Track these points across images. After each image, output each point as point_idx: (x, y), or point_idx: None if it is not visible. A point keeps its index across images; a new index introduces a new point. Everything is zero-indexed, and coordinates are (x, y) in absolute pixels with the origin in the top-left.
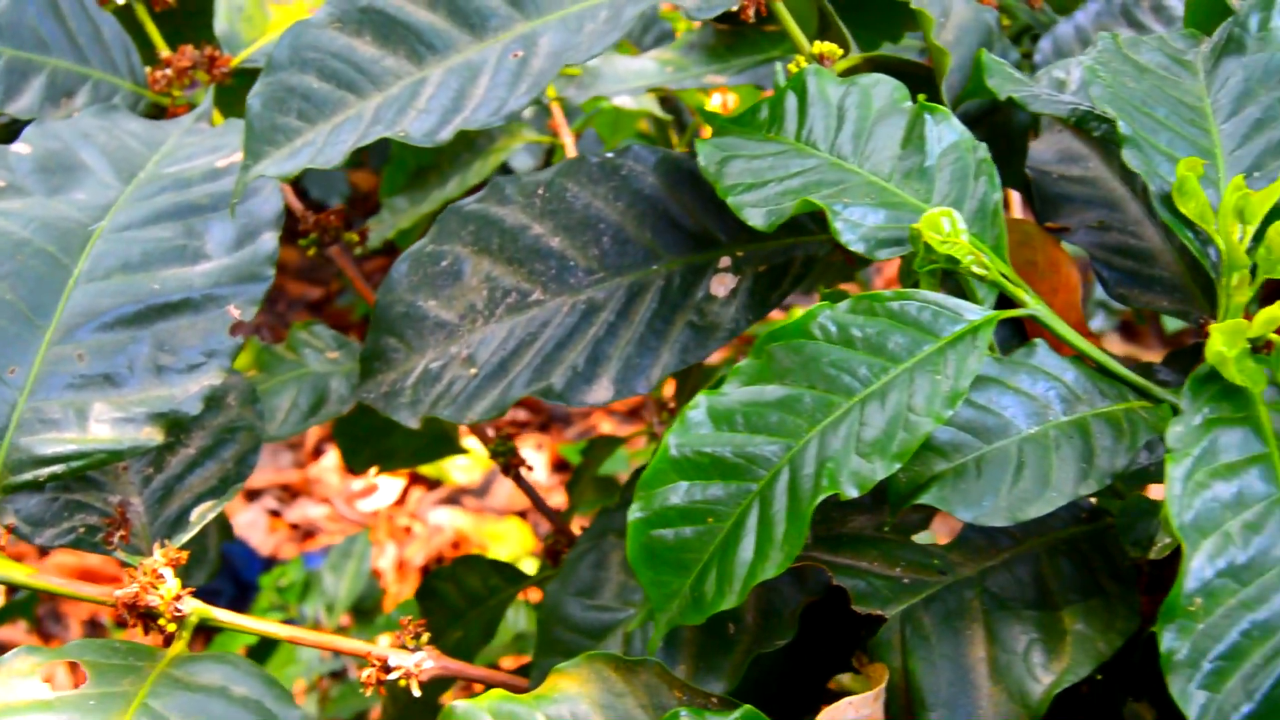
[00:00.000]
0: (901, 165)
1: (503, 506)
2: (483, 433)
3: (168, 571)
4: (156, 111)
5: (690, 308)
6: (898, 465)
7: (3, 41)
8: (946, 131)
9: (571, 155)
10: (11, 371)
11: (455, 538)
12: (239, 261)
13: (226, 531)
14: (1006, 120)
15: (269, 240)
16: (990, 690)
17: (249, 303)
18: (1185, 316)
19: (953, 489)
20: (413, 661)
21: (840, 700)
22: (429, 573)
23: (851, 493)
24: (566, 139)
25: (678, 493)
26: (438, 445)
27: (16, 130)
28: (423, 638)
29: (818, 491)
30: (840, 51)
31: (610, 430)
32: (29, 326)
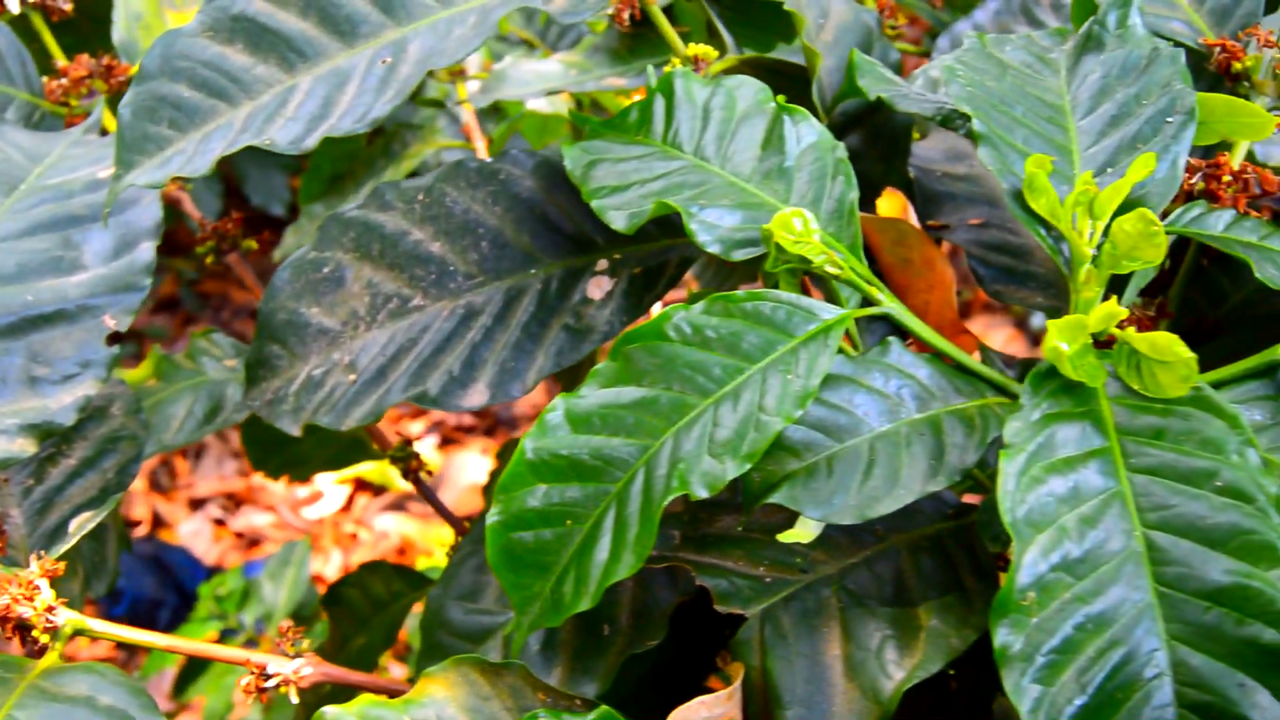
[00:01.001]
0: (762, 166)
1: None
2: (382, 438)
3: (43, 583)
4: (56, 122)
5: (567, 311)
6: (748, 465)
7: None
8: (806, 132)
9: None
10: None
11: (401, 544)
12: (115, 272)
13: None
14: (888, 120)
15: (146, 250)
16: (845, 687)
17: (125, 312)
18: (1058, 313)
19: (803, 488)
20: (291, 668)
21: (693, 700)
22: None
23: (701, 493)
24: (479, 143)
25: (536, 496)
26: (351, 451)
27: None
28: (303, 644)
29: (667, 492)
30: (715, 54)
31: None
32: None
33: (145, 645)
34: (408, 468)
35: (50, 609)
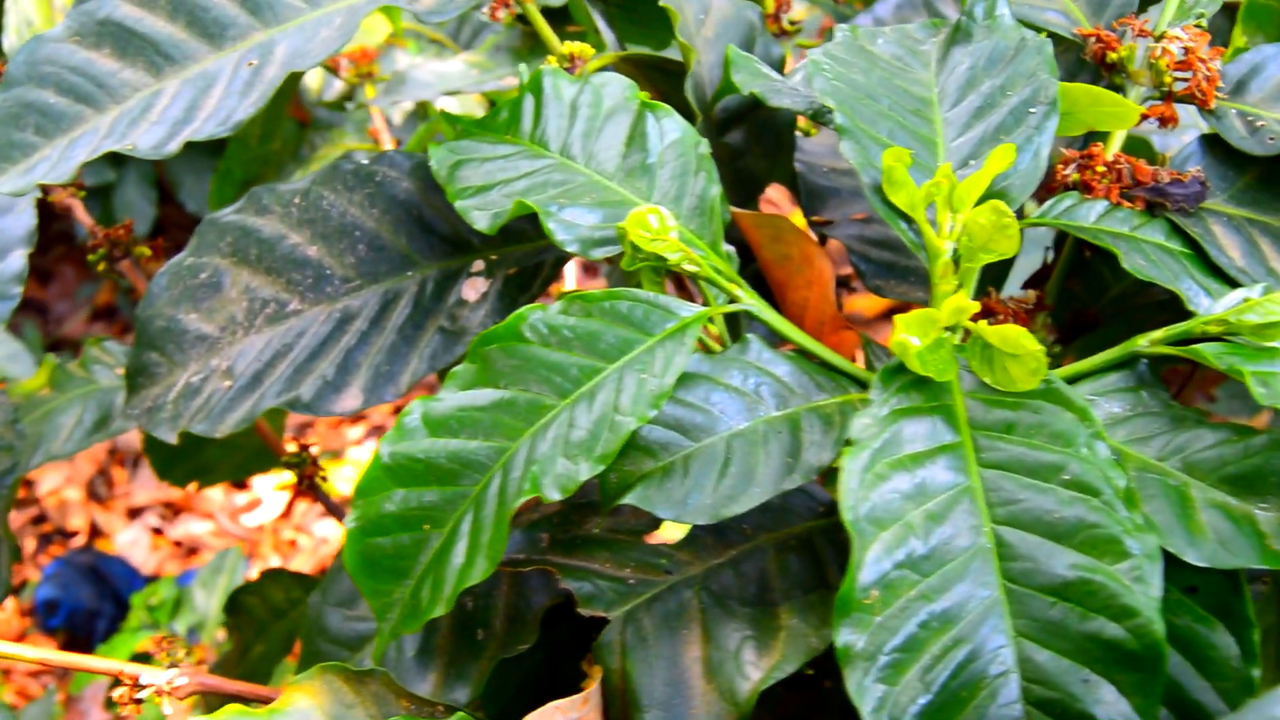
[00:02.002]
0: (625, 163)
1: None
2: (278, 444)
3: None
4: None
5: (443, 313)
6: (602, 466)
7: None
8: (670, 128)
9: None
10: None
11: (340, 549)
12: None
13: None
14: (772, 116)
15: (17, 259)
16: (703, 689)
17: None
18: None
19: (658, 488)
20: (164, 679)
21: (547, 704)
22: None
23: (553, 495)
24: (387, 145)
25: (393, 500)
26: (260, 457)
27: None
28: (180, 654)
29: (519, 495)
30: (591, 51)
31: None
32: None
33: (13, 659)
34: (303, 474)
35: None
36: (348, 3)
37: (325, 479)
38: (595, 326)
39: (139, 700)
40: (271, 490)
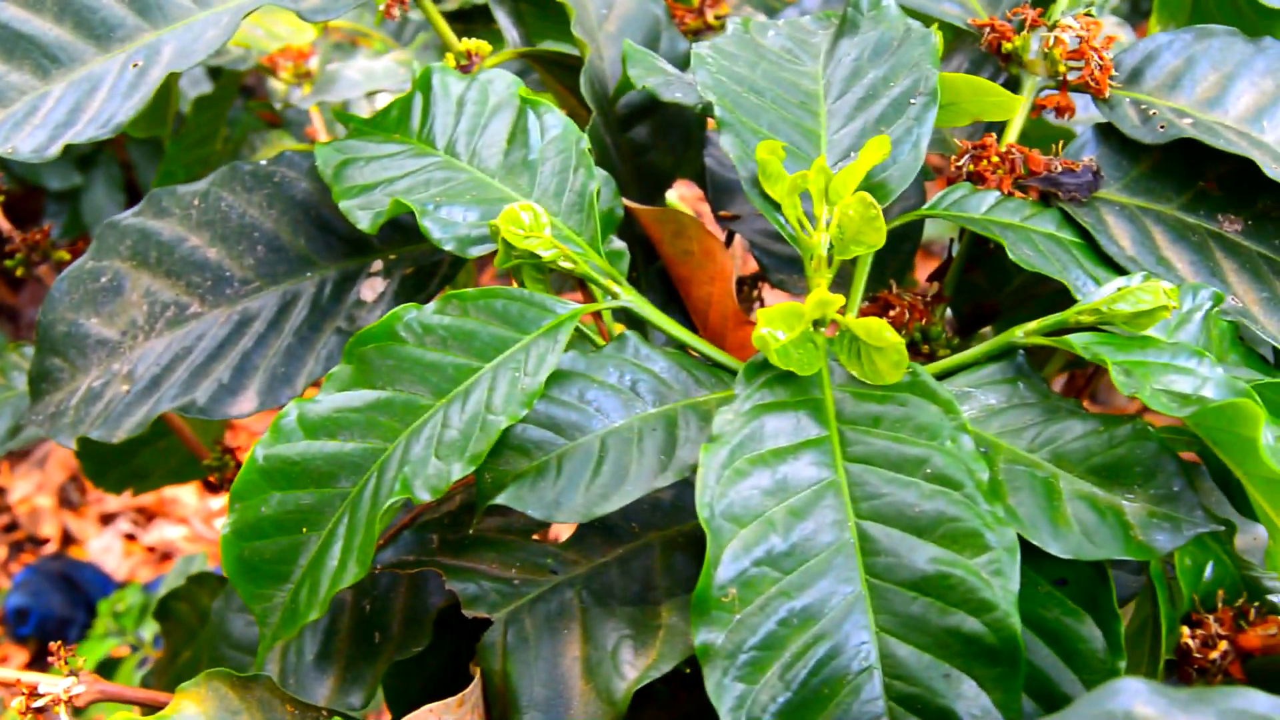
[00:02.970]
0: (508, 160)
1: None
2: (200, 447)
3: None
4: None
5: (341, 314)
6: (473, 467)
7: None
8: (551, 123)
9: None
10: None
11: None
12: None
13: None
14: (680, 112)
15: None
16: (582, 689)
17: None
18: None
19: (530, 488)
20: (62, 687)
21: (422, 708)
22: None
23: (424, 496)
24: None
25: (270, 504)
26: (195, 462)
27: None
28: (78, 662)
29: (389, 497)
30: (488, 48)
31: None
32: None
33: None
34: (223, 477)
35: None
36: (235, 2)
37: None
38: (471, 325)
39: (39, 709)
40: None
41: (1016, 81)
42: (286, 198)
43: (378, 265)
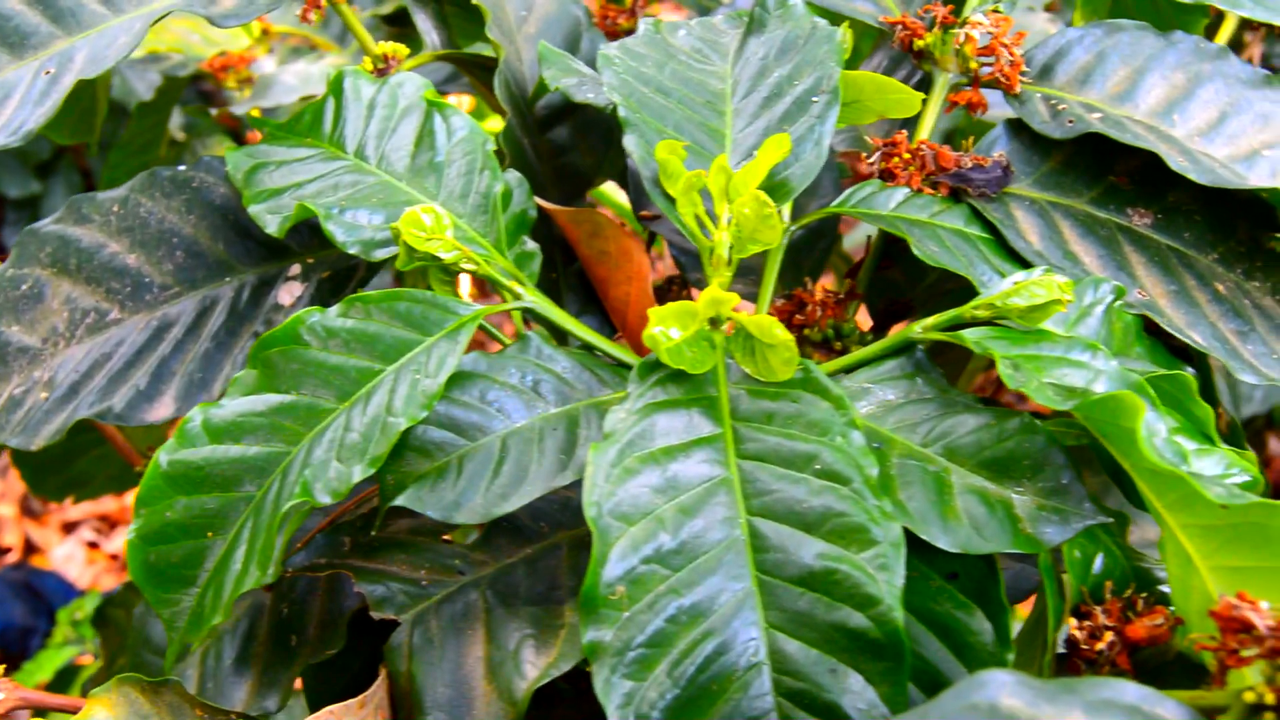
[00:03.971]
0: (415, 163)
1: None
2: (132, 454)
3: None
4: None
5: (259, 318)
6: (373, 469)
7: None
8: (457, 125)
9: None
10: None
11: None
12: None
13: None
14: (600, 112)
15: None
16: (484, 689)
17: None
18: (753, 299)
19: (430, 489)
20: None
21: (322, 709)
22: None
23: (324, 499)
24: None
25: (176, 508)
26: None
27: None
28: None
29: (289, 500)
30: (405, 51)
31: None
32: None
33: None
34: None
35: None
36: (147, 8)
37: None
38: (375, 328)
39: None
40: None
41: (929, 78)
42: (205, 203)
43: (295, 269)
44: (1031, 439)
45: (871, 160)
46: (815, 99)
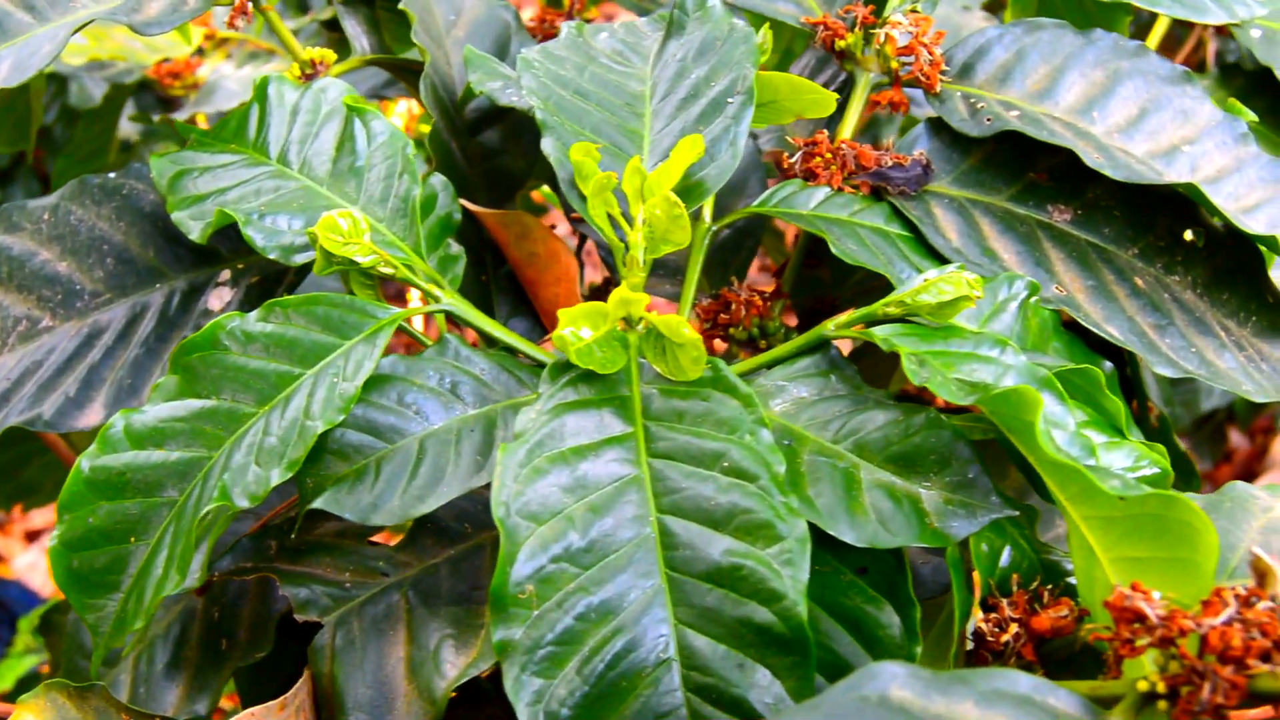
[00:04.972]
0: (336, 168)
1: None
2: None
3: None
4: None
5: (189, 324)
6: (291, 473)
7: None
8: (377, 130)
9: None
10: None
11: None
12: None
13: None
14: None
15: None
16: (405, 690)
17: None
18: (677, 298)
19: (348, 491)
20: None
21: (243, 711)
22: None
23: (242, 503)
24: None
25: (98, 514)
26: None
27: None
28: None
29: (207, 504)
30: (332, 56)
31: None
32: None
33: None
34: None
35: None
36: (71, 16)
37: None
38: (294, 332)
39: None
40: None
41: (852, 78)
42: (135, 209)
43: (225, 275)
44: (938, 434)
45: (793, 160)
46: (731, 100)
